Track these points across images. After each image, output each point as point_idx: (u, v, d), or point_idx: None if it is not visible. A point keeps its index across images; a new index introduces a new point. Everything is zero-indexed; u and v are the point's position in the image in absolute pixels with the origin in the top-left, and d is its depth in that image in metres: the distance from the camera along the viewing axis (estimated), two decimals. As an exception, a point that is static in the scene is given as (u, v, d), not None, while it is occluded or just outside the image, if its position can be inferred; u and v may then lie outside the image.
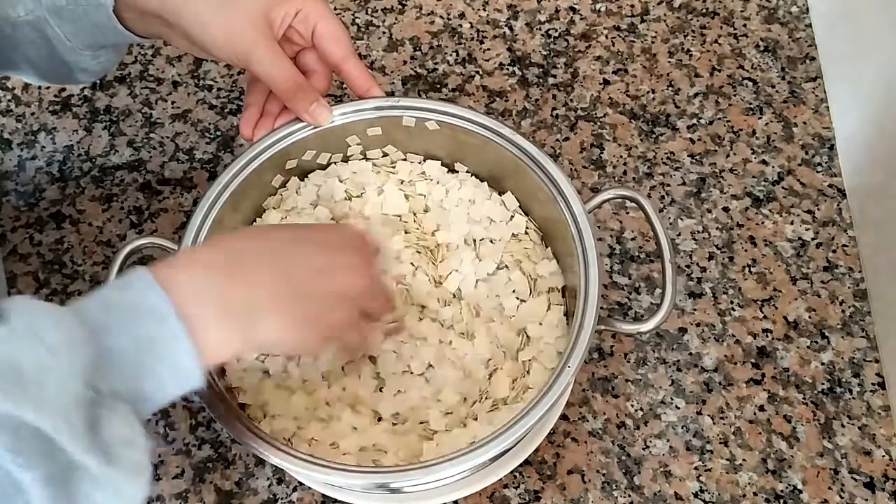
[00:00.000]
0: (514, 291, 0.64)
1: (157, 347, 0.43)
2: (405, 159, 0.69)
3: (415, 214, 0.67)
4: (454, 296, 0.64)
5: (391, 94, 0.84)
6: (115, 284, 0.45)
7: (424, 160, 0.68)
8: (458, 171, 0.68)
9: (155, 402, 0.44)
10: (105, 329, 0.42)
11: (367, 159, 0.69)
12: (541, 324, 0.62)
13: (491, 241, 0.65)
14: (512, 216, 0.66)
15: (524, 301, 0.63)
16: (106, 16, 0.58)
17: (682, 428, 0.68)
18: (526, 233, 0.66)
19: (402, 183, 0.68)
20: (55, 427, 0.38)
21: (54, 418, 0.38)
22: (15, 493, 0.37)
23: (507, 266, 0.64)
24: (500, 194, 0.67)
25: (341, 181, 0.68)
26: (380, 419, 0.60)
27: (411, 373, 0.61)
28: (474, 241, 0.65)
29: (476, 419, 0.59)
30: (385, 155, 0.68)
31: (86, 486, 0.39)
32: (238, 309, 0.47)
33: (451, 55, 0.87)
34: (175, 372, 0.44)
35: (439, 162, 0.68)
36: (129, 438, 0.41)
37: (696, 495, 0.66)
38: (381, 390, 0.61)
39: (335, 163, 0.68)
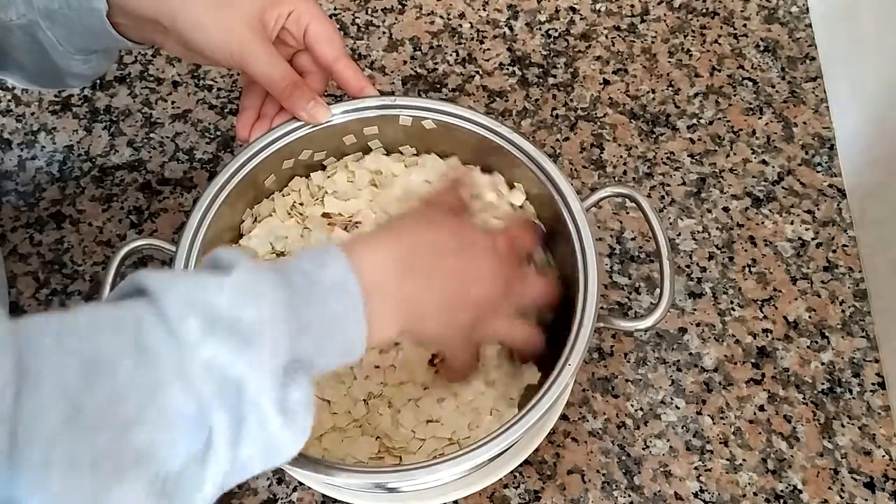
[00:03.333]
0: None
1: (338, 325, 0.45)
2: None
3: None
4: None
5: (391, 93, 0.84)
6: (311, 258, 0.46)
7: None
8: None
9: (320, 370, 0.46)
10: (304, 300, 0.44)
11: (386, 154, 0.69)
12: None
13: None
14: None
15: None
16: (99, 20, 0.58)
17: (682, 428, 0.68)
18: None
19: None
20: (260, 387, 0.40)
21: (260, 379, 0.40)
22: (202, 427, 0.39)
23: None
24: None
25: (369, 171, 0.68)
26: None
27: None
28: None
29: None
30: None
31: (259, 434, 0.41)
32: (408, 303, 0.50)
33: (451, 55, 0.87)
34: (345, 348, 0.46)
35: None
36: (307, 403, 0.43)
37: (696, 495, 0.65)
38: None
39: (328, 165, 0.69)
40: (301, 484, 0.65)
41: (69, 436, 0.36)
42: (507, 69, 0.86)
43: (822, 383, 0.70)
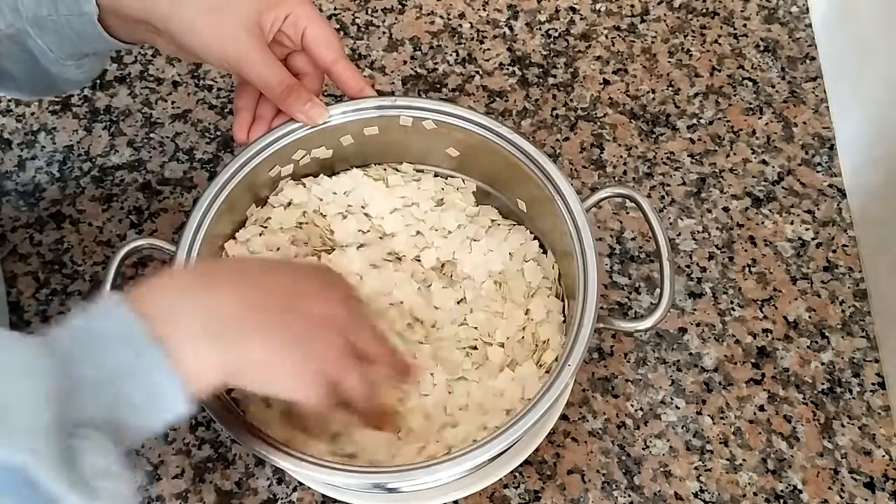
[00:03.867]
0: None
1: (131, 375, 0.41)
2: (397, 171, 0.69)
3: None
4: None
5: (391, 93, 0.84)
6: (85, 312, 0.42)
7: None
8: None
9: (139, 429, 0.42)
10: (76, 358, 0.40)
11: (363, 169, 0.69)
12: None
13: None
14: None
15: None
16: (90, 24, 0.57)
17: (682, 428, 0.68)
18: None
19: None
20: (27, 458, 0.35)
21: (25, 448, 0.35)
22: None
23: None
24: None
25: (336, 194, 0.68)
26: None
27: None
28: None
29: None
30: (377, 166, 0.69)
31: None
32: (216, 324, 0.45)
33: (451, 55, 0.87)
34: (154, 398, 0.42)
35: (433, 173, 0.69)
36: (108, 469, 0.39)
37: (696, 495, 0.65)
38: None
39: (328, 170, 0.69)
40: (301, 484, 0.65)
41: None
42: (507, 69, 0.86)
43: (822, 383, 0.70)
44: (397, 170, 0.69)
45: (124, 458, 0.40)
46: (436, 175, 0.69)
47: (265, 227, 0.66)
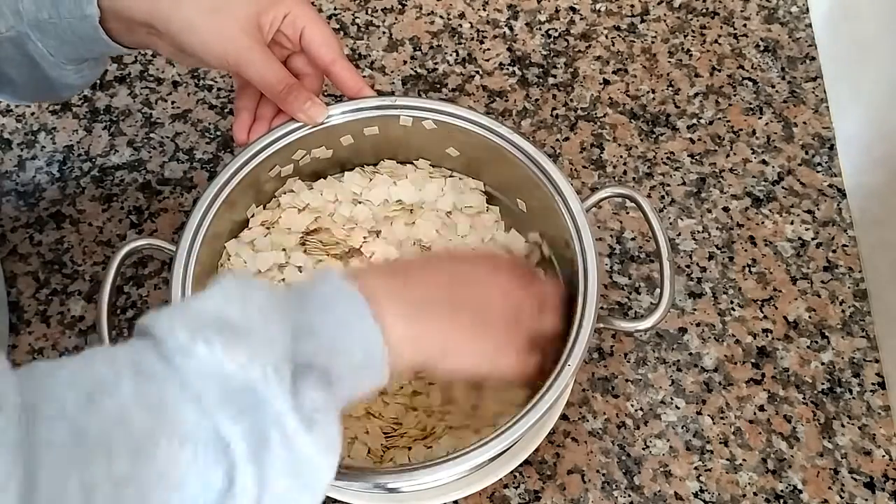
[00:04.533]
0: None
1: (352, 330, 0.44)
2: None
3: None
4: None
5: (391, 93, 0.84)
6: (305, 282, 0.46)
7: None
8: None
9: (350, 388, 0.44)
10: (306, 306, 0.43)
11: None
12: None
13: None
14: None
15: None
16: (91, 27, 0.57)
17: (682, 428, 0.68)
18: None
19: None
20: (264, 376, 0.38)
21: (264, 367, 0.38)
22: (220, 446, 0.37)
23: None
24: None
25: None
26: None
27: None
28: None
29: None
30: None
31: (279, 451, 0.38)
32: (413, 309, 0.48)
33: (451, 55, 0.87)
34: (369, 358, 0.44)
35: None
36: (326, 407, 0.41)
37: (696, 495, 0.65)
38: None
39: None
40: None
41: (78, 465, 0.34)
42: (507, 69, 0.86)
43: (822, 383, 0.70)
44: (415, 166, 0.69)
45: (336, 408, 0.42)
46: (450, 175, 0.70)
47: (271, 229, 0.66)
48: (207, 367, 0.38)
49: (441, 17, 0.89)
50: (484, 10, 0.90)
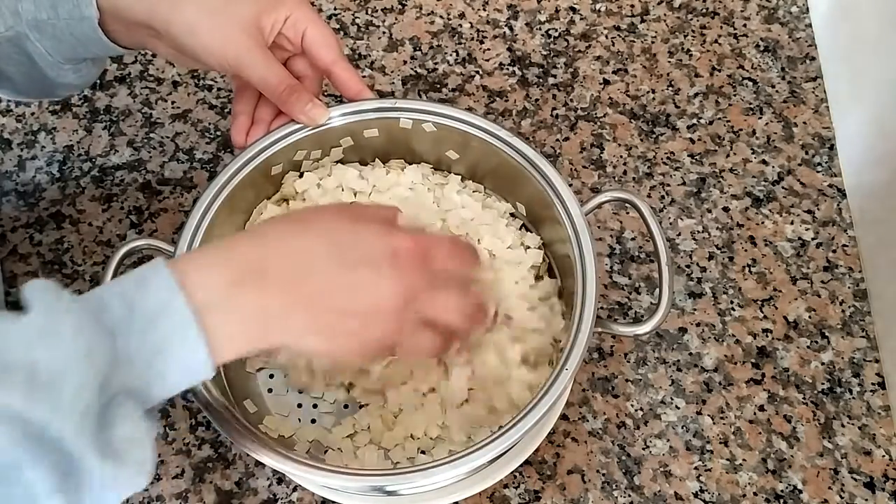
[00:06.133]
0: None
1: (168, 349, 0.42)
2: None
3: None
4: None
5: (391, 94, 0.84)
6: (135, 279, 0.43)
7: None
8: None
9: (161, 395, 0.44)
10: (122, 331, 0.42)
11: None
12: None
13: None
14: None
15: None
16: (90, 28, 0.57)
17: (682, 428, 0.68)
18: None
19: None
20: (64, 431, 0.38)
21: (64, 423, 0.38)
22: (19, 481, 0.37)
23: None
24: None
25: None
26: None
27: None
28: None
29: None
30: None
31: (91, 481, 0.39)
32: (265, 315, 0.45)
33: (451, 55, 0.87)
34: (185, 369, 0.44)
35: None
36: (137, 437, 0.41)
37: (696, 495, 0.66)
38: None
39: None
40: (301, 484, 0.66)
41: None
42: (507, 69, 0.86)
43: (822, 383, 0.70)
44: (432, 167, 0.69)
45: (148, 420, 0.42)
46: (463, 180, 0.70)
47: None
48: (7, 412, 0.37)
49: (441, 17, 0.89)
50: (484, 10, 0.90)
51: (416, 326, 0.50)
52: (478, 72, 0.86)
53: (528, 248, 0.65)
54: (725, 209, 0.78)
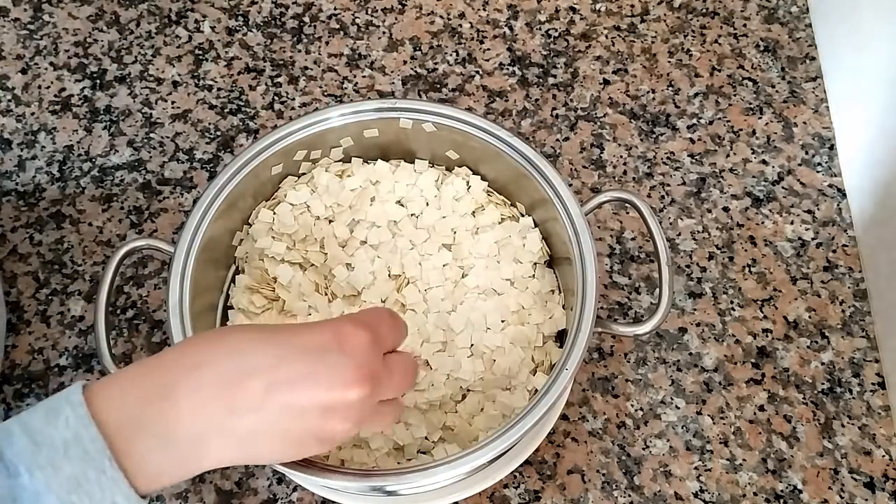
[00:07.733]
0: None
1: (85, 487, 0.40)
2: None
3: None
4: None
5: (391, 95, 0.84)
6: (46, 409, 0.41)
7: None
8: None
9: None
10: (26, 466, 0.39)
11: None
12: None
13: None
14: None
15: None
16: None
17: (682, 428, 0.68)
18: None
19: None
20: None
21: None
22: None
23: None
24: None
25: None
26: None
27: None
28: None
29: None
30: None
31: None
32: (183, 439, 0.42)
33: (451, 55, 0.87)
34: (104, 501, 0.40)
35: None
36: None
37: (696, 495, 0.66)
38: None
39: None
40: (301, 484, 0.66)
41: None
42: (507, 69, 0.86)
43: (822, 383, 0.70)
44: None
45: None
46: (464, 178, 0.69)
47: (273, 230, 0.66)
48: None
49: (441, 17, 0.89)
50: (484, 10, 0.90)
51: (373, 412, 0.47)
52: (478, 72, 0.86)
53: (529, 248, 0.65)
54: (725, 209, 0.78)
